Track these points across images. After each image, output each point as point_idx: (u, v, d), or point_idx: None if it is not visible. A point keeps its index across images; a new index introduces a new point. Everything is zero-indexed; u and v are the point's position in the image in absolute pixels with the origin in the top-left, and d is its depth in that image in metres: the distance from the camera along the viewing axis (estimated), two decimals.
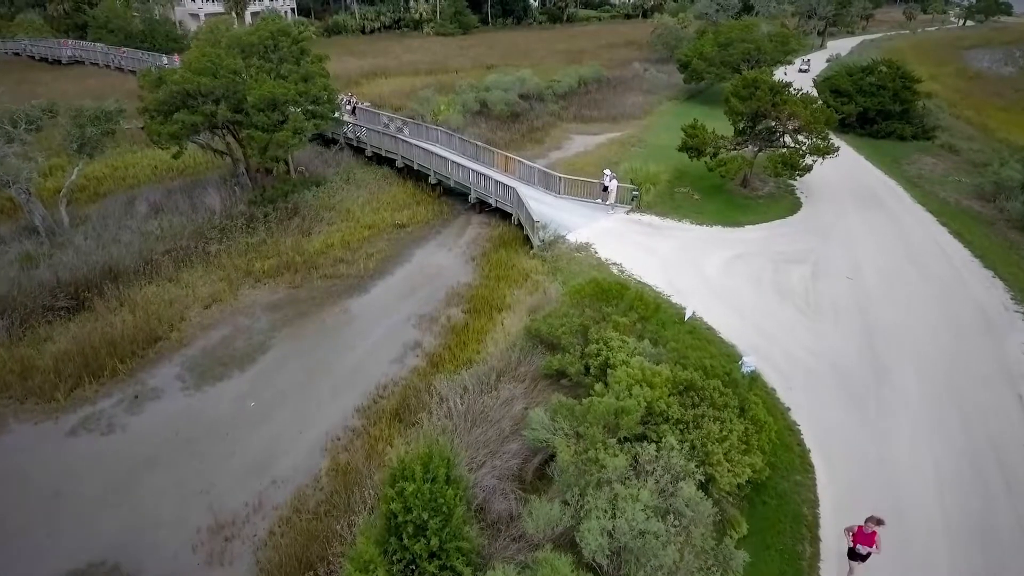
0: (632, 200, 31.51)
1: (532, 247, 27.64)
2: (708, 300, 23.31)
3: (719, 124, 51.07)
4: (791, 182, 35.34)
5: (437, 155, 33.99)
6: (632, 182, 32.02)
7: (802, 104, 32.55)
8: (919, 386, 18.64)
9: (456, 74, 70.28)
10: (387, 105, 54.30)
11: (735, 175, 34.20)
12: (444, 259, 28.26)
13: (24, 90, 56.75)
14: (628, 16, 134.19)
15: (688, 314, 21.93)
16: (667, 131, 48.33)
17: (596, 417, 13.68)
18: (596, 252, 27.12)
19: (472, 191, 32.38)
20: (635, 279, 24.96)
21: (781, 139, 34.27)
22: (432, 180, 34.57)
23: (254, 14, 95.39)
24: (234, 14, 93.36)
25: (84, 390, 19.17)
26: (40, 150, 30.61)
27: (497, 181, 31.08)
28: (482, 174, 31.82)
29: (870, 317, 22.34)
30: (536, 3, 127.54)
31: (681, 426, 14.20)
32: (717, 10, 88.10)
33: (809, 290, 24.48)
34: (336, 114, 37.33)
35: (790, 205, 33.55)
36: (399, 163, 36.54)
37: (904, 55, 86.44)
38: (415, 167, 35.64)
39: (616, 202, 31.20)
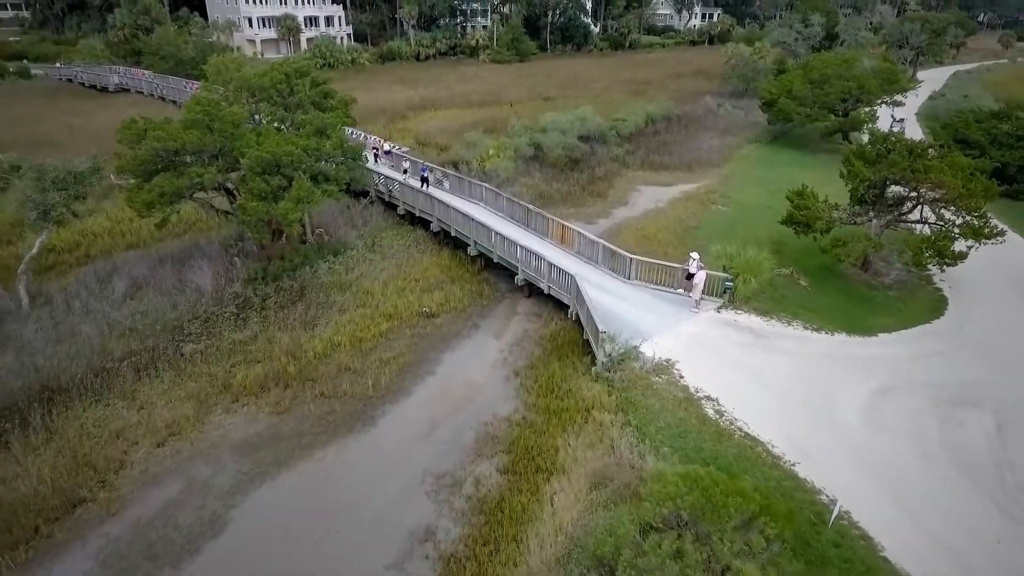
0: (724, 293, 24.00)
1: (595, 361, 20.55)
2: (854, 477, 15.72)
3: (814, 175, 42.87)
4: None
5: (478, 222, 27.28)
6: (725, 268, 24.46)
7: (951, 171, 24.49)
8: None
9: (511, 107, 64.10)
10: (432, 144, 48.38)
11: (857, 260, 26.29)
12: (479, 372, 21.37)
13: (61, 120, 53.58)
14: (694, 43, 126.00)
15: (834, 512, 14.37)
16: (754, 184, 40.56)
17: None
18: (681, 377, 19.75)
19: (520, 270, 25.53)
20: (740, 430, 17.51)
21: (917, 212, 26.26)
22: (472, 251, 27.89)
23: (309, 39, 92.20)
24: (288, 40, 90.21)
25: None
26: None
27: (551, 263, 24.09)
28: (532, 251, 24.89)
29: None
30: (597, 29, 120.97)
31: None
32: (797, 39, 79.31)
33: (1002, 463, 16.48)
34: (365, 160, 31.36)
35: (932, 302, 25.33)
36: (435, 226, 30.04)
37: (1011, 89, 75.68)
38: (452, 233, 29.07)
39: (704, 293, 23.73)
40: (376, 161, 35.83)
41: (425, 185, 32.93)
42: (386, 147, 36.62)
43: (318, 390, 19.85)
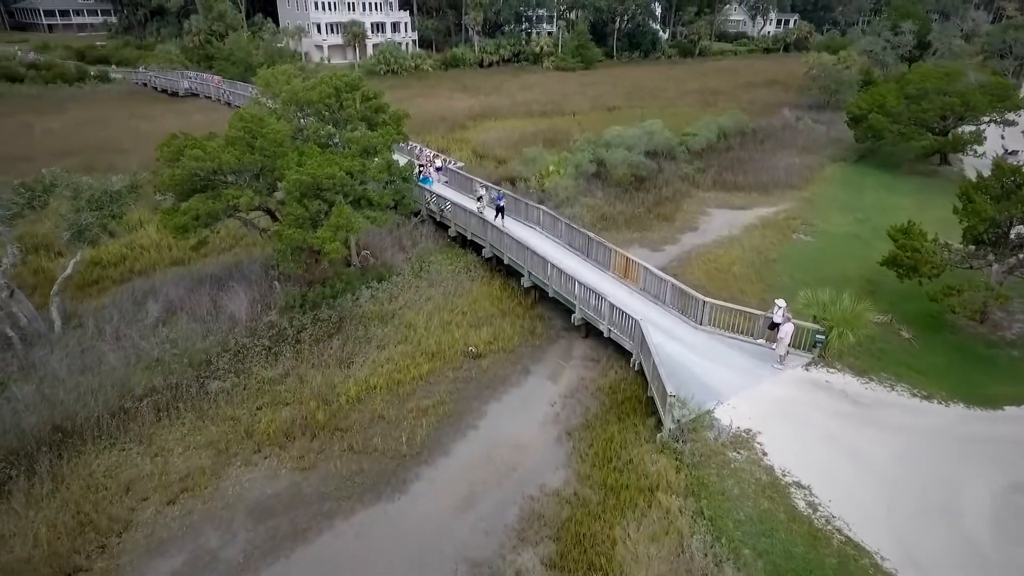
0: (814, 347, 20.57)
1: (660, 424, 17.65)
2: None
3: (908, 201, 38.34)
4: None
5: (533, 252, 24.69)
6: (816, 319, 20.99)
7: None
8: None
9: (573, 117, 61.34)
10: (490, 157, 46.16)
11: (974, 313, 22.34)
12: (526, 429, 18.75)
13: (129, 125, 54.24)
14: (767, 50, 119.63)
15: None
16: (840, 210, 36.44)
17: None
18: (765, 454, 16.60)
19: (577, 308, 22.80)
20: (839, 532, 14.28)
21: None
22: (526, 282, 25.34)
23: (375, 45, 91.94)
24: (354, 46, 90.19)
25: None
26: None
27: (613, 305, 21.25)
28: (592, 289, 22.11)
29: None
30: (666, 36, 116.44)
31: None
32: (885, 48, 73.18)
33: None
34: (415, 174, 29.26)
35: None
36: (487, 252, 27.64)
37: None
38: (506, 261, 26.59)
39: (790, 347, 20.36)
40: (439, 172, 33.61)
41: (500, 216, 29.06)
42: (437, 163, 34.39)
43: (347, 443, 17.69)
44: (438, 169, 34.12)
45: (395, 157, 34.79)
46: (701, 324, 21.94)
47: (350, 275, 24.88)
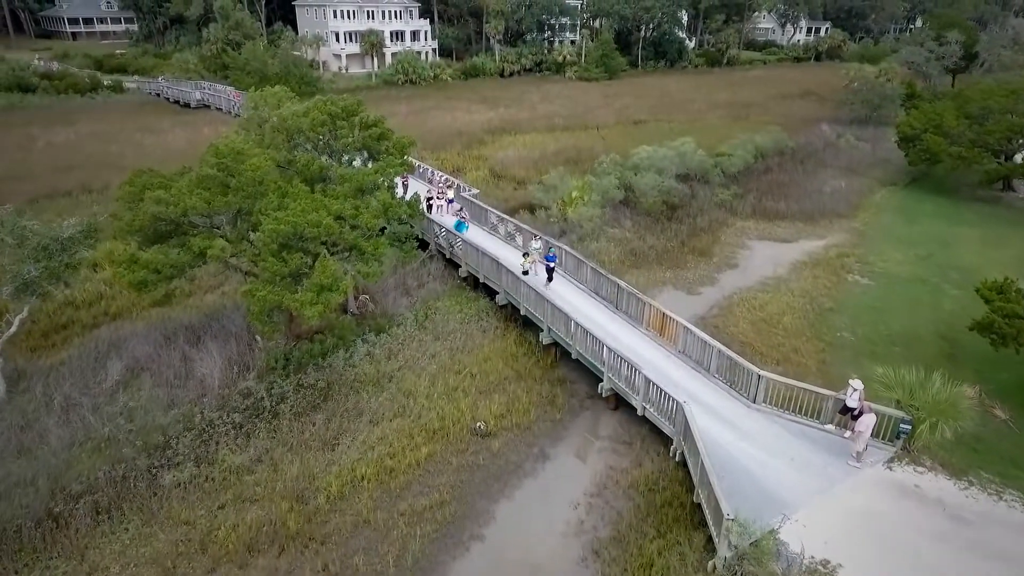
0: (898, 438, 16.64)
1: (711, 543, 13.91)
2: None
3: (973, 233, 33.99)
4: None
5: (554, 305, 21.04)
6: (900, 405, 17.00)
7: None
8: None
9: (597, 131, 57.60)
10: (508, 177, 42.64)
11: None
12: (543, 541, 15.08)
13: (135, 139, 51.63)
14: (798, 59, 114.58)
15: None
16: (898, 245, 32.31)
17: None
18: None
19: (605, 377, 19.11)
20: None
21: None
22: (545, 339, 21.70)
23: (394, 54, 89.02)
24: (372, 55, 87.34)
25: None
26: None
27: (649, 380, 17.52)
28: (623, 356, 18.39)
29: None
30: (692, 44, 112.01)
31: None
32: (928, 59, 68.26)
33: None
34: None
35: None
36: (501, 299, 24.06)
37: None
38: (522, 311, 22.98)
39: (868, 437, 16.43)
40: (431, 210, 29.73)
41: (549, 280, 24.33)
42: (450, 194, 30.87)
43: (322, 561, 14.17)
44: (450, 201, 30.39)
45: (404, 183, 31.95)
46: (755, 402, 18.10)
47: (344, 327, 21.43)
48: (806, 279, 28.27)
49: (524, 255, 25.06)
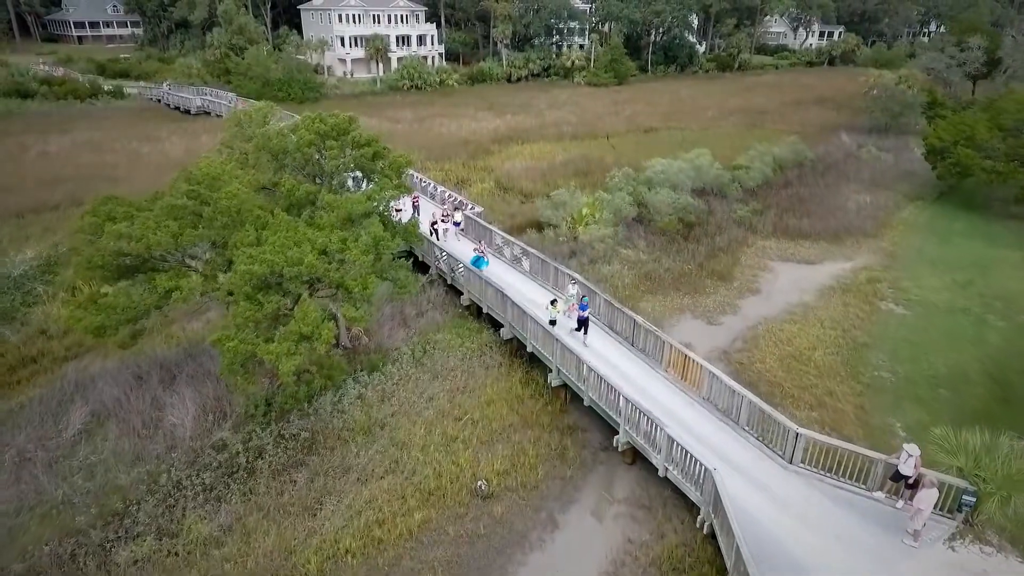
0: (960, 510, 14.40)
1: None
2: None
3: (1014, 255, 31.72)
4: None
5: (563, 345, 18.90)
6: (962, 473, 14.73)
7: None
8: None
9: (607, 140, 55.46)
10: (515, 190, 40.54)
11: None
12: None
13: (131, 148, 49.82)
14: (811, 64, 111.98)
15: None
16: (932, 268, 30.04)
17: None
18: None
19: (622, 430, 16.96)
20: None
21: None
22: (554, 381, 19.57)
23: (400, 59, 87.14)
24: (376, 60, 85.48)
25: None
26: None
27: (674, 440, 15.35)
28: (643, 411, 16.23)
29: None
30: (703, 48, 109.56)
31: None
32: (949, 66, 65.66)
33: None
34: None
35: None
36: (507, 333, 21.93)
37: None
38: (529, 348, 20.84)
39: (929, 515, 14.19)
40: (436, 236, 27.45)
41: (583, 332, 20.61)
42: (457, 217, 28.69)
43: None
44: (457, 224, 28.16)
45: (415, 203, 29.78)
46: (792, 462, 15.90)
47: (333, 365, 19.25)
48: (836, 307, 26.01)
49: (552, 302, 21.09)
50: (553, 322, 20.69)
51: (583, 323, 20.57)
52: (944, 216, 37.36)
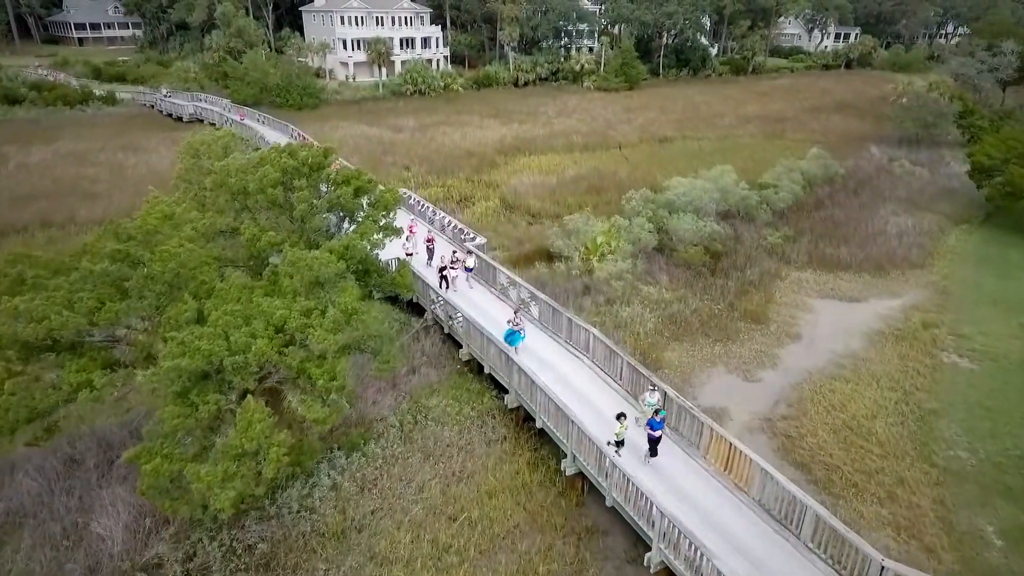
0: None
1: None
2: None
3: None
4: None
5: (581, 430, 15.38)
6: None
7: None
8: None
9: (620, 151, 51.86)
10: (521, 208, 37.11)
11: None
12: None
13: (115, 160, 46.54)
14: (827, 67, 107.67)
15: None
16: (993, 308, 26.59)
17: None
18: None
19: (655, 546, 13.43)
20: None
21: None
22: (569, 469, 16.07)
23: (403, 62, 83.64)
24: (379, 64, 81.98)
25: None
26: None
27: (721, 572, 11.84)
28: (679, 528, 12.72)
29: None
30: (716, 51, 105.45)
31: None
32: (981, 71, 61.64)
33: None
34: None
35: None
36: (511, 401, 18.43)
37: None
38: (538, 423, 17.35)
39: None
40: (444, 285, 22.86)
41: (652, 454, 15.49)
42: (470, 262, 23.98)
43: None
44: (469, 270, 24.16)
45: (417, 243, 25.29)
46: None
47: (304, 448, 15.85)
48: (891, 359, 22.39)
49: (618, 417, 15.22)
50: (620, 443, 15.18)
51: (654, 443, 15.37)
52: (996, 242, 33.57)
